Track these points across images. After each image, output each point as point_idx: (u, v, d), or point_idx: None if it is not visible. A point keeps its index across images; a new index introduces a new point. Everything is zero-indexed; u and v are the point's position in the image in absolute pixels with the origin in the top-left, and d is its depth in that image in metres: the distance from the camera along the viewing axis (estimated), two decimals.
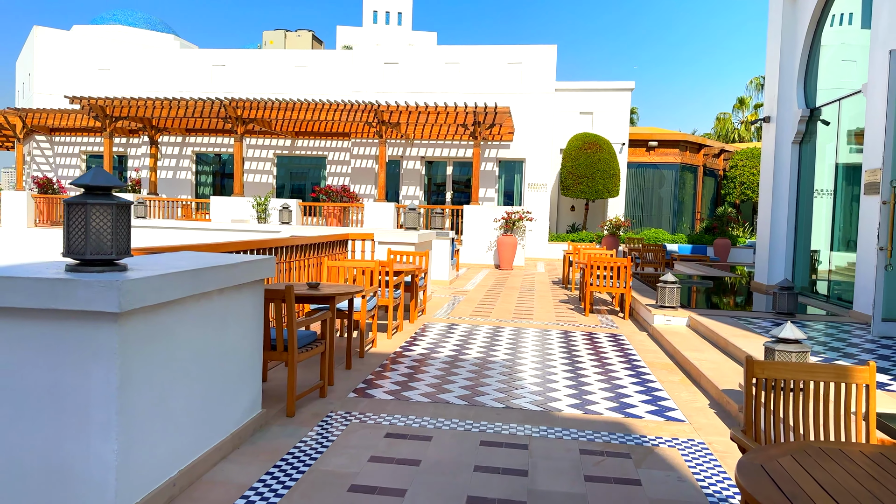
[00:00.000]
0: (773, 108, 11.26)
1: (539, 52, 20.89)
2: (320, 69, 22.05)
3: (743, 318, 7.76)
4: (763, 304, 9.56)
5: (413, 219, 10.06)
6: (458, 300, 10.56)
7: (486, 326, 8.12)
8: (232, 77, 22.47)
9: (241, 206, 18.06)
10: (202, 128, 21.95)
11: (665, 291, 8.02)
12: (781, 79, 11.00)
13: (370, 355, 6.25)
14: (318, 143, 22.51)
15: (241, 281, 3.69)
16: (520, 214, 16.87)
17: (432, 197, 22.42)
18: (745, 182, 25.29)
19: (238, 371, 3.80)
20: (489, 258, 17.49)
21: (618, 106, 22.99)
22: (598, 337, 7.67)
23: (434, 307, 9.63)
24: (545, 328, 8.15)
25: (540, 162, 21.16)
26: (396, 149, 21.78)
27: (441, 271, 12.62)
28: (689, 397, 5.21)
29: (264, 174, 22.86)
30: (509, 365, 6.04)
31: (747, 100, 45.17)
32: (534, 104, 20.93)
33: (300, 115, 18.14)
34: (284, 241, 6.58)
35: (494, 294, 11.48)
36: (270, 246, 6.22)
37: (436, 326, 8.00)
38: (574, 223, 23.64)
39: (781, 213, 11.04)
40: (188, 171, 23.33)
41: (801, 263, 10.83)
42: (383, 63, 21.54)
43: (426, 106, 17.18)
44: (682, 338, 7.14)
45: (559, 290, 12.61)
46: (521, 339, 7.37)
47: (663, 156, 24.99)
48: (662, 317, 7.95)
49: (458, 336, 7.41)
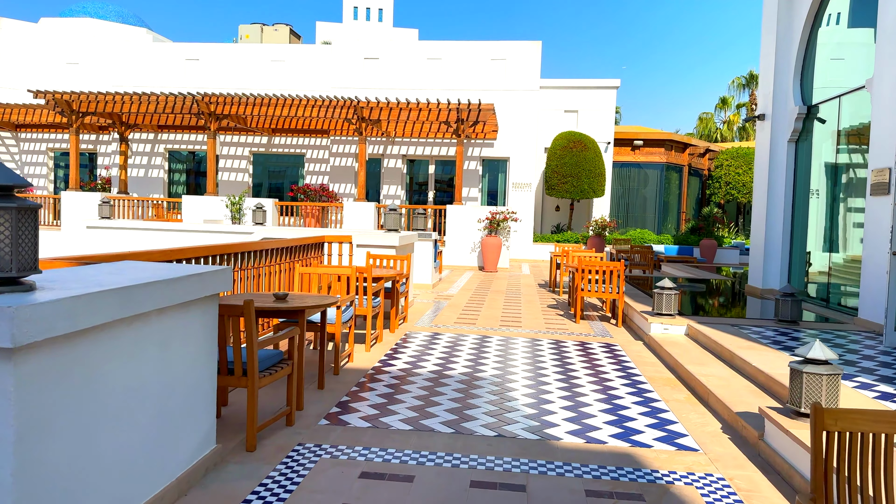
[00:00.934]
0: (767, 106, 10.87)
1: (523, 49, 20.42)
2: (298, 64, 21.36)
3: (745, 327, 7.31)
4: (760, 310, 9.15)
5: (394, 220, 9.50)
6: (441, 306, 10.02)
7: (472, 335, 7.59)
8: (206, 72, 21.69)
9: (215, 206, 17.34)
10: (175, 124, 21.14)
11: (662, 298, 7.54)
12: (777, 75, 10.61)
13: (346, 371, 5.68)
14: (295, 140, 21.81)
15: (189, 298, 3.11)
16: (504, 215, 16.37)
17: (414, 196, 21.85)
18: (731, 182, 25.07)
19: (185, 404, 3.22)
20: (473, 260, 16.97)
21: (603, 104, 22.60)
22: (592, 347, 7.17)
23: (416, 314, 9.08)
24: (535, 337, 7.64)
25: (524, 161, 20.69)
26: (377, 147, 21.17)
27: (424, 274, 12.06)
28: (698, 419, 4.72)
29: (240, 172, 22.12)
30: (499, 382, 5.51)
31: (730, 99, 45.14)
32: (518, 102, 20.45)
33: (277, 112, 17.47)
34: (252, 245, 5.98)
35: (479, 298, 10.96)
36: (235, 251, 5.62)
37: (418, 336, 7.45)
38: (559, 223, 23.22)
39: (777, 215, 10.65)
40: (161, 169, 22.50)
41: (797, 266, 10.45)
42: (363, 58, 20.92)
43: (408, 102, 16.60)
44: (682, 349, 6.66)
45: (546, 293, 12.13)
46: (511, 349, 6.85)
47: (648, 155, 24.67)
48: (659, 325, 7.48)
49: (443, 347, 6.86)
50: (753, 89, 45.66)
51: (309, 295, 4.97)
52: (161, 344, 2.97)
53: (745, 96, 45.81)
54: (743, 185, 24.77)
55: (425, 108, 16.74)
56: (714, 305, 9.75)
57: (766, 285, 10.75)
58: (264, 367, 3.94)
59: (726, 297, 10.78)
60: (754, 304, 9.76)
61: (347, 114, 17.02)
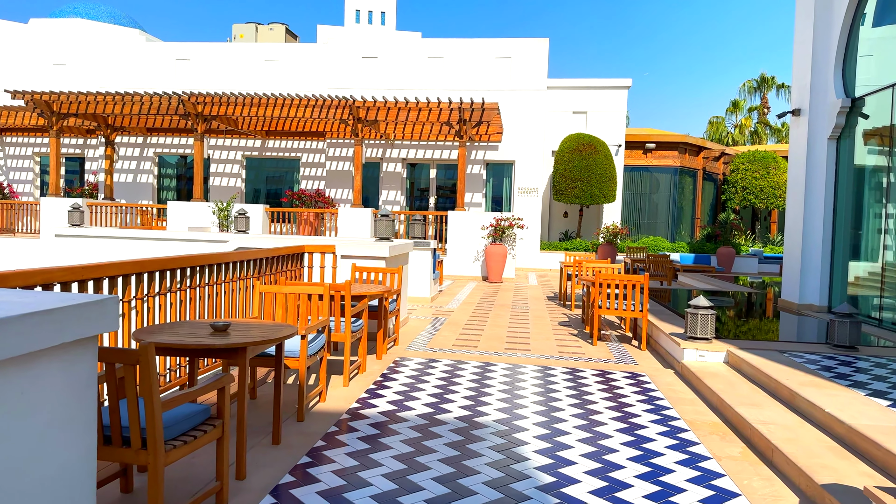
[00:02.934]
0: (803, 99, 9.76)
1: (529, 46, 19.37)
2: (293, 64, 20.37)
3: (795, 354, 6.17)
4: (805, 330, 8.01)
5: (386, 227, 8.42)
6: (439, 323, 8.91)
7: (472, 362, 6.48)
8: (197, 72, 20.73)
9: (202, 213, 16.30)
10: (164, 127, 20.18)
11: (697, 319, 6.42)
12: (815, 64, 9.49)
13: (314, 416, 4.58)
14: (290, 143, 20.80)
15: (29, 348, 2.02)
16: (509, 221, 15.28)
17: (416, 202, 20.78)
18: (748, 187, 23.87)
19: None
20: (476, 269, 15.87)
21: (613, 105, 21.52)
22: (615, 378, 6.05)
23: (410, 334, 7.98)
24: (546, 364, 6.53)
25: (531, 164, 19.60)
26: (375, 150, 20.12)
27: (421, 287, 10.97)
28: (766, 490, 3.59)
29: (233, 178, 21.10)
30: (505, 431, 4.40)
31: (741, 103, 43.97)
32: (524, 102, 19.38)
33: (268, 112, 16.45)
34: (200, 259, 4.90)
35: (482, 314, 9.85)
36: (172, 266, 4.53)
37: (409, 364, 6.34)
38: (567, 230, 22.10)
39: (815, 220, 9.51)
40: (150, 174, 21.51)
41: (838, 279, 9.30)
42: (361, 57, 19.92)
43: (406, 102, 15.55)
44: (724, 382, 5.53)
45: (556, 307, 11.01)
46: (518, 382, 5.73)
47: (661, 159, 23.55)
48: (693, 351, 6.35)
49: (437, 379, 5.75)
50: (765, 92, 44.55)
51: (257, 324, 3.87)
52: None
53: (757, 99, 44.68)
54: (760, 191, 23.57)
55: (425, 107, 15.69)
56: (750, 325, 8.61)
57: (804, 300, 9.60)
58: (178, 433, 2.84)
59: (760, 315, 9.63)
60: (795, 323, 8.61)
61: (343, 114, 15.98)
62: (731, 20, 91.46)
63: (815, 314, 9.25)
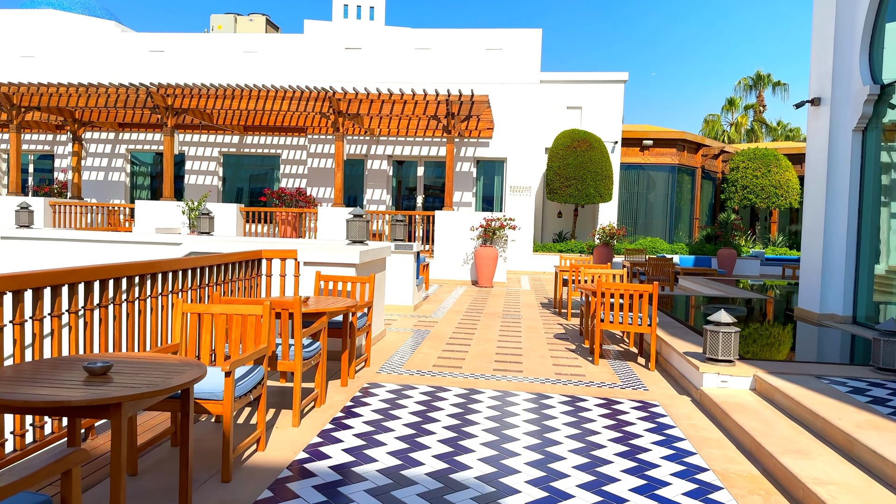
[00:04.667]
0: (824, 87, 8.82)
1: (521, 37, 18.41)
2: (272, 56, 19.32)
3: (836, 380, 5.22)
4: (832, 347, 7.07)
5: (359, 229, 7.43)
6: (421, 337, 7.93)
7: (454, 389, 5.49)
8: (171, 65, 19.64)
9: (171, 213, 15.25)
10: (137, 122, 19.09)
11: (718, 338, 5.46)
12: (838, 47, 8.56)
13: (247, 472, 3.58)
14: (270, 139, 19.74)
15: None
16: (501, 222, 14.31)
17: (403, 202, 19.78)
18: (748, 186, 22.98)
19: None
20: (465, 273, 14.89)
21: (610, 100, 20.57)
22: (624, 410, 5.07)
23: (386, 350, 6.98)
24: (542, 391, 5.55)
25: (523, 162, 18.64)
26: (360, 146, 19.11)
27: (402, 294, 9.98)
28: None
29: (209, 175, 20.03)
30: (490, 496, 3.41)
31: (737, 100, 43.16)
32: (516, 96, 18.42)
33: (243, 105, 15.41)
34: (106, 270, 3.89)
35: (470, 325, 8.87)
36: (78, 280, 3.52)
37: (380, 392, 5.35)
38: (561, 231, 21.15)
39: (838, 221, 8.58)
40: (122, 172, 20.40)
41: (864, 287, 8.37)
42: (344, 48, 18.90)
43: (390, 94, 14.55)
44: (757, 418, 4.57)
45: (551, 316, 10.04)
46: (508, 418, 4.75)
47: (658, 156, 22.63)
48: (714, 376, 5.39)
49: (411, 414, 4.76)
50: (761, 90, 43.79)
51: (158, 361, 2.87)
52: None
53: (753, 97, 43.91)
54: (761, 189, 22.68)
55: (411, 100, 14.70)
56: (770, 340, 7.66)
57: (825, 309, 8.67)
58: None
59: (778, 327, 8.68)
60: (821, 338, 7.67)
61: (322, 107, 14.96)
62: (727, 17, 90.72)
63: (839, 325, 8.32)
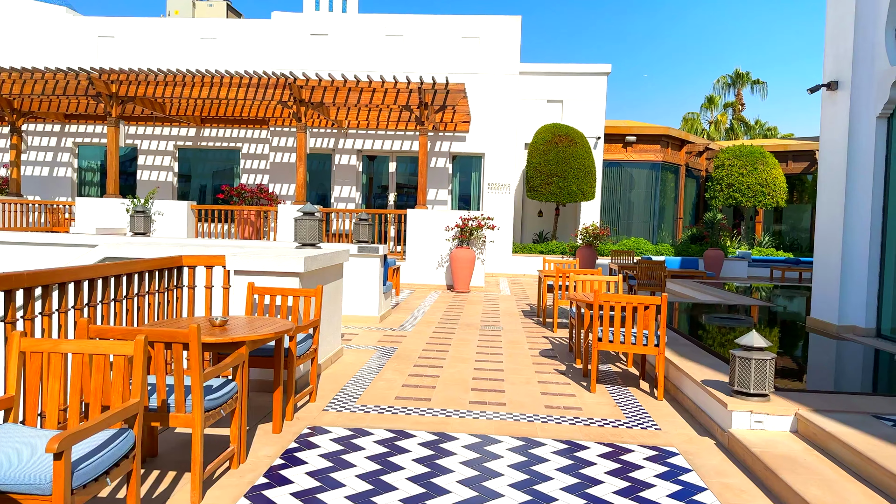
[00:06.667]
0: (842, 69, 7.82)
1: (499, 25, 17.29)
2: (233, 43, 17.94)
3: None
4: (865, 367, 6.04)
5: (309, 230, 6.21)
6: (385, 356, 6.74)
7: (420, 435, 4.31)
8: (122, 51, 18.14)
9: (116, 211, 13.83)
10: (83, 113, 17.52)
11: (750, 367, 4.35)
12: (859, 24, 7.55)
13: None
14: (229, 132, 18.35)
15: None
16: (478, 221, 13.17)
17: (375, 200, 18.53)
18: (733, 184, 22.16)
19: None
20: (440, 277, 13.72)
21: (592, 93, 19.55)
22: (636, 463, 3.94)
23: (339, 378, 5.78)
24: (530, 433, 4.40)
25: (502, 158, 17.53)
26: (327, 140, 17.82)
27: (367, 304, 8.78)
28: None
29: (163, 171, 18.56)
30: None
31: (716, 99, 42.64)
32: (494, 87, 17.30)
33: (198, 93, 14.03)
34: None
35: (443, 340, 7.70)
36: None
37: (322, 442, 4.14)
38: (542, 231, 20.10)
39: (860, 221, 7.59)
40: (68, 167, 18.83)
41: (890, 295, 7.38)
42: (310, 35, 17.60)
43: (357, 82, 13.30)
44: (816, 480, 3.47)
45: (535, 327, 8.92)
46: (488, 481, 3.58)
47: (642, 153, 21.68)
48: (746, 415, 4.29)
49: (359, 479, 3.57)
50: (739, 88, 43.35)
51: None
52: None
53: (732, 96, 43.45)
54: (747, 188, 21.87)
55: (380, 89, 13.47)
56: (795, 361, 6.59)
57: (845, 321, 7.67)
58: None
59: (793, 342, 7.64)
60: (850, 357, 6.64)
61: (283, 96, 13.66)
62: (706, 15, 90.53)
63: (862, 339, 7.32)
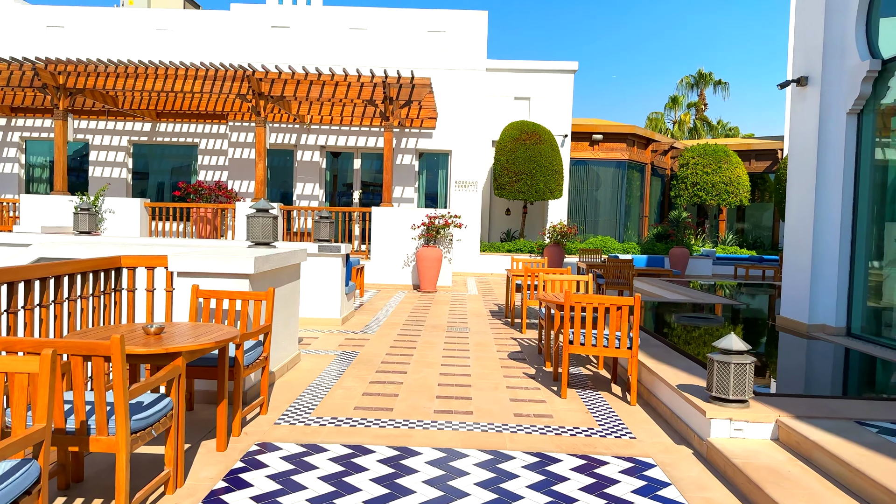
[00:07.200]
0: (812, 64, 7.72)
1: (466, 19, 17.01)
2: (189, 34, 17.27)
3: (883, 427, 3.97)
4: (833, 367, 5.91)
5: (262, 228, 5.81)
6: (346, 361, 6.37)
7: (380, 450, 3.97)
8: (73, 42, 17.31)
9: (63, 209, 13.13)
10: (31, 106, 16.69)
11: (728, 371, 4.13)
12: (829, 17, 7.46)
13: None
14: (186, 127, 17.67)
15: None
16: (445, 219, 12.86)
17: (340, 198, 18.08)
18: (698, 182, 22.30)
19: None
20: (406, 276, 13.37)
21: (559, 90, 19.42)
22: (612, 477, 3.67)
23: (294, 386, 5.40)
24: (500, 446, 4.10)
25: (469, 155, 17.26)
26: (288, 135, 17.30)
27: (328, 305, 8.39)
28: None
29: (117, 167, 17.79)
30: None
31: (680, 99, 43.14)
32: (461, 83, 17.01)
33: (150, 86, 13.40)
34: None
35: (408, 343, 7.36)
36: None
37: (271, 461, 3.77)
38: (510, 229, 19.90)
39: (830, 218, 7.50)
40: (15, 162, 17.92)
41: (860, 294, 7.31)
42: (270, 27, 17.06)
43: (319, 75, 12.86)
44: (805, 495, 3.24)
45: (503, 328, 8.65)
46: (453, 501, 3.26)
47: (608, 151, 21.65)
48: (725, 423, 4.06)
49: (310, 499, 3.22)
50: (702, 89, 43.95)
51: None
52: None
53: (695, 96, 44.05)
54: (711, 186, 22.02)
55: (343, 82, 13.05)
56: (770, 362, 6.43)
57: (815, 320, 7.57)
58: None
59: (765, 342, 7.50)
60: (823, 358, 6.52)
61: (241, 89, 13.13)
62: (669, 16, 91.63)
63: (832, 338, 7.23)
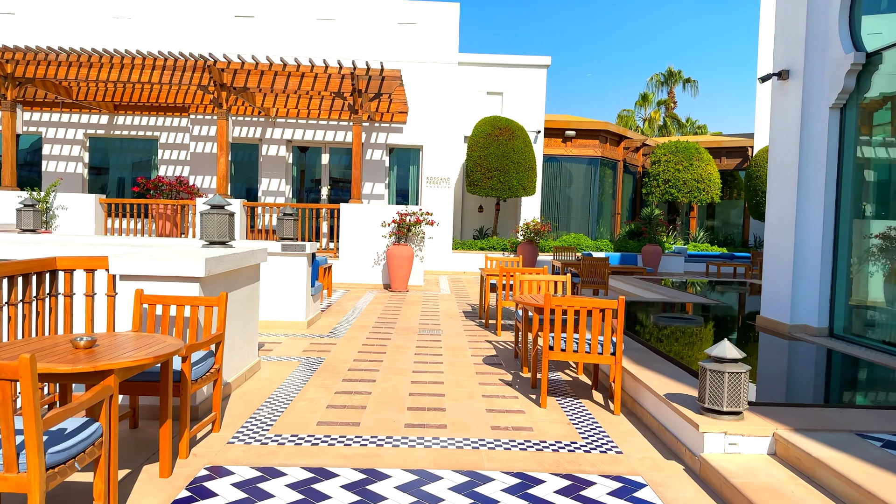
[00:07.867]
0: (794, 57, 7.52)
1: (437, 11, 16.60)
2: (148, 23, 16.53)
3: (887, 440, 3.71)
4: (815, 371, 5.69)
5: (217, 225, 5.36)
6: (311, 368, 5.94)
7: (344, 474, 3.58)
8: (24, 30, 16.43)
9: (11, 205, 12.38)
10: None
11: (722, 382, 3.83)
12: (811, 9, 7.26)
13: None
14: (146, 120, 16.94)
15: None
16: (417, 216, 12.46)
17: (308, 195, 17.53)
18: (670, 180, 22.27)
19: None
20: (376, 275, 12.94)
21: (532, 86, 19.15)
22: (596, 497, 3.33)
23: (252, 398, 4.96)
24: (477, 466, 3.73)
25: (441, 151, 16.87)
26: (253, 129, 16.70)
27: (292, 308, 7.93)
28: None
29: (72, 161, 16.97)
30: None
31: (650, 96, 43.39)
32: (432, 77, 16.61)
33: (110, 76, 12.70)
34: None
35: (378, 348, 6.96)
36: None
37: (222, 490, 3.35)
38: (482, 227, 19.58)
39: (812, 216, 7.31)
40: None
41: (842, 294, 7.13)
42: (234, 17, 16.41)
43: (284, 65, 12.33)
44: None
45: (477, 330, 8.31)
46: None
47: (581, 148, 21.47)
48: (719, 437, 3.76)
49: None
50: (672, 86, 44.27)
51: None
52: None
53: (664, 93, 44.35)
54: (683, 184, 22.01)
55: (310, 73, 12.54)
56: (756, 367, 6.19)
57: (797, 320, 7.39)
58: None
59: (748, 345, 7.28)
60: (808, 361, 6.31)
61: (202, 79, 12.53)
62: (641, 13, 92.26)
63: (814, 339, 7.04)
